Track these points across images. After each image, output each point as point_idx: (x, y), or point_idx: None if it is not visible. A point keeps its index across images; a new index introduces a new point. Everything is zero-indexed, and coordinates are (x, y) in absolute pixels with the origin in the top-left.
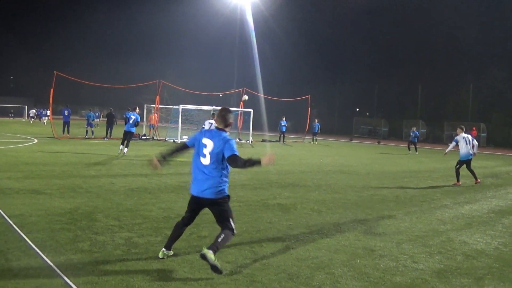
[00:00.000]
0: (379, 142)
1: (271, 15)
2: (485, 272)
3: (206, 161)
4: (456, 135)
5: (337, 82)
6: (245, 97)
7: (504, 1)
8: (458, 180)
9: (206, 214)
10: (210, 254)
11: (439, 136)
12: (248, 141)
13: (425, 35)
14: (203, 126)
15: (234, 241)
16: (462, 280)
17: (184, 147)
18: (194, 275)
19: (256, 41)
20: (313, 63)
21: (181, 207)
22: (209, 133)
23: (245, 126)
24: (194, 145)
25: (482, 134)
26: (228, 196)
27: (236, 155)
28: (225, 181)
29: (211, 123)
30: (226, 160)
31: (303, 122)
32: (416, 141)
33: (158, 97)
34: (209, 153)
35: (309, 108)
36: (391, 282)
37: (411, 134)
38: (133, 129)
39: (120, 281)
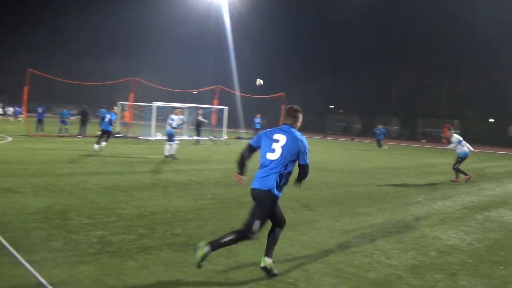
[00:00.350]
0: (352, 139)
1: (247, 12)
2: (459, 268)
3: (274, 155)
4: (450, 137)
5: (312, 79)
6: (260, 82)
7: (478, 1)
8: (466, 174)
9: (179, 212)
10: (200, 250)
11: (412, 133)
12: (221, 138)
13: (400, 32)
14: (171, 121)
15: (207, 238)
16: (436, 275)
17: (251, 149)
18: (168, 273)
19: (232, 38)
20: (288, 60)
21: (154, 205)
22: (280, 130)
23: (219, 123)
24: (261, 145)
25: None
26: (276, 197)
27: (308, 166)
28: (283, 181)
29: (173, 119)
30: (300, 165)
31: (278, 119)
32: (381, 137)
33: (132, 95)
34: (281, 147)
35: (282, 105)
36: (365, 278)
37: (376, 131)
38: (110, 128)
39: (94, 279)
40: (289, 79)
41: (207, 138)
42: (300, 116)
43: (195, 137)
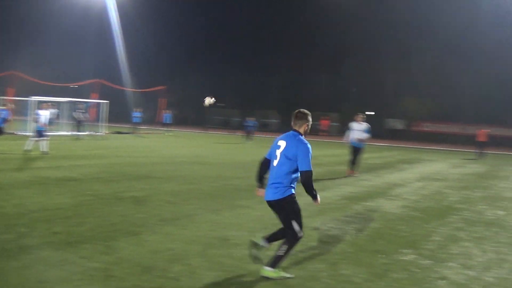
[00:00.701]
0: (233, 133)
1: (130, 5)
2: (340, 257)
3: (276, 162)
4: (361, 122)
5: (193, 73)
6: (210, 100)
7: None
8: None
9: (58, 209)
10: (269, 272)
11: (290, 125)
12: (100, 133)
13: (281, 26)
14: (37, 117)
15: (87, 235)
16: (317, 265)
17: (267, 162)
18: (50, 272)
19: (114, 31)
20: (170, 53)
21: (34, 203)
22: (285, 135)
23: (98, 118)
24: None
25: (334, 124)
26: (292, 195)
27: (310, 172)
28: (292, 186)
29: (40, 115)
30: (300, 172)
31: (158, 113)
32: (251, 130)
33: (10, 89)
34: (280, 153)
35: (162, 99)
36: (246, 270)
37: (246, 124)
38: (2, 125)
39: None
40: (171, 72)
41: (87, 133)
42: (310, 119)
43: (75, 133)
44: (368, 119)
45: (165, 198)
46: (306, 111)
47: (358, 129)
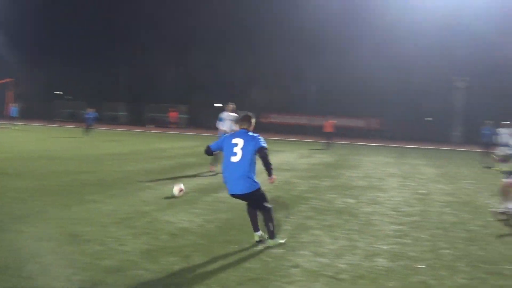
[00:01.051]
0: (80, 126)
1: None
2: (192, 250)
3: (237, 158)
4: (229, 113)
5: (40, 65)
6: (178, 190)
7: None
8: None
9: None
10: (272, 242)
11: (139, 118)
12: None
13: (128, 17)
14: None
15: None
16: (170, 258)
17: (209, 151)
18: None
19: None
20: (17, 43)
21: None
22: (237, 134)
23: None
24: (222, 149)
25: (184, 116)
26: (259, 187)
27: (266, 149)
28: (254, 174)
29: None
30: (257, 150)
31: (5, 106)
32: (91, 122)
33: None
34: (241, 149)
35: (9, 92)
36: (100, 266)
37: (87, 116)
38: None
39: None
40: (18, 64)
41: None
42: (253, 121)
43: None
44: (218, 111)
45: (13, 195)
46: (251, 114)
47: (229, 119)
